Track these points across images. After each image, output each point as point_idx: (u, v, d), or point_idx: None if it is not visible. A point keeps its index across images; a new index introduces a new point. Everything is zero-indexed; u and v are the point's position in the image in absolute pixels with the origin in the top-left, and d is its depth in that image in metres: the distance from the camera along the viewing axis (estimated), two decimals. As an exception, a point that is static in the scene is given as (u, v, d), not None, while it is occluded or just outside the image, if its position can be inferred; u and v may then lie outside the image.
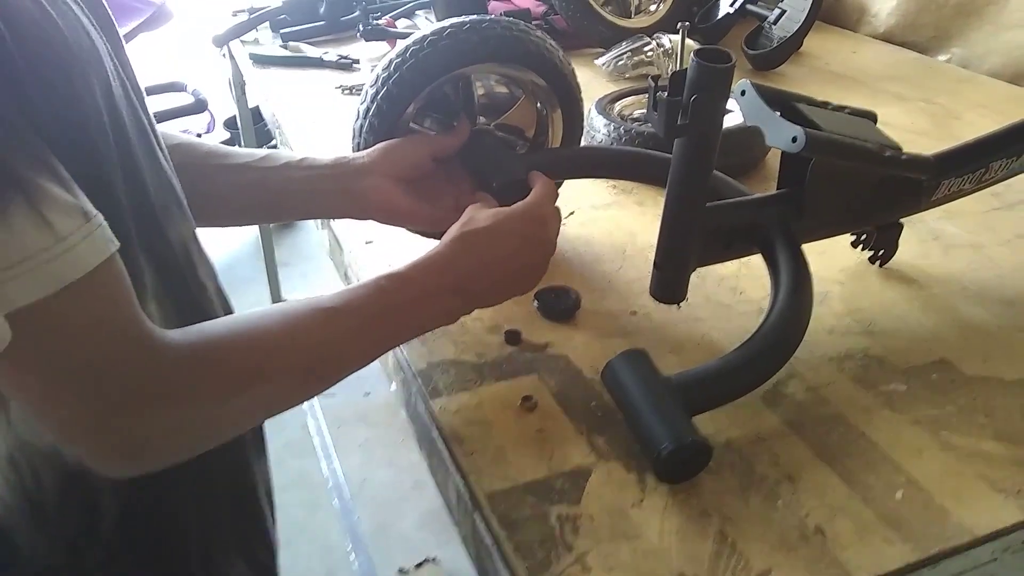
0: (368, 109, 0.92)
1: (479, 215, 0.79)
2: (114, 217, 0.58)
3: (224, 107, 3.41)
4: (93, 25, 0.61)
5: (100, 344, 0.55)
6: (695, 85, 0.72)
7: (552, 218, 0.82)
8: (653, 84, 0.74)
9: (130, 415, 0.57)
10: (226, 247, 3.42)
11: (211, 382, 0.61)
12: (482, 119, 0.99)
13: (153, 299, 0.66)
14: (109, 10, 0.67)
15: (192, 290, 0.72)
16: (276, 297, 2.75)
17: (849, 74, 1.66)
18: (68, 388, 0.55)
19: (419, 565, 2.11)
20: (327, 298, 0.69)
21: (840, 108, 0.88)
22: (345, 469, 2.28)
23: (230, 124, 3.53)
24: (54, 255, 0.50)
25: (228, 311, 0.80)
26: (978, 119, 1.42)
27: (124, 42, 0.68)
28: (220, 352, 0.62)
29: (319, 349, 0.67)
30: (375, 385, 2.54)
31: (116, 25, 0.67)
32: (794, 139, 0.74)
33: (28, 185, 0.49)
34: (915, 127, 1.40)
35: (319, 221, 1.23)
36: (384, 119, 0.91)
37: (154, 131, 0.70)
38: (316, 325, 0.67)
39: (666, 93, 0.74)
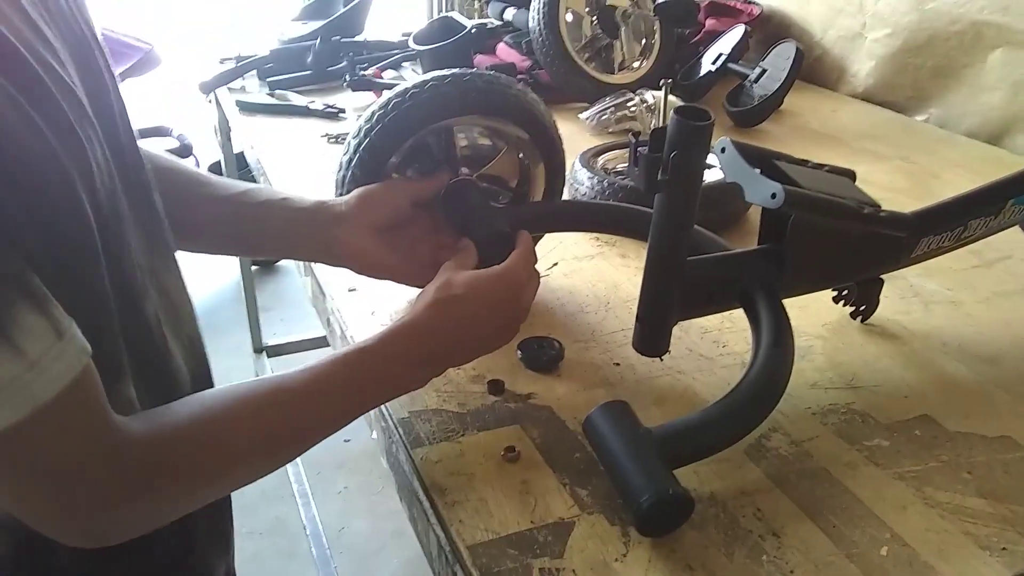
0: (351, 160, 0.92)
1: (456, 279, 0.78)
2: (100, 313, 0.59)
3: (209, 152, 3.43)
4: (81, 93, 0.59)
5: (70, 453, 0.55)
6: (675, 142, 0.73)
7: (528, 283, 0.82)
8: (634, 140, 0.75)
9: (97, 513, 0.59)
10: (207, 291, 3.40)
11: (177, 478, 0.62)
12: (465, 170, 0.99)
13: (130, 378, 0.65)
14: (105, 61, 0.67)
15: (163, 361, 0.71)
16: (257, 342, 2.73)
17: (829, 132, 1.69)
18: (37, 493, 0.56)
19: (395, 618, 2.07)
20: (293, 377, 0.69)
21: (819, 166, 0.89)
22: (323, 517, 2.24)
23: (214, 169, 3.54)
24: (26, 381, 0.51)
25: (202, 370, 0.79)
26: (955, 178, 1.45)
27: (119, 86, 0.68)
28: (186, 447, 0.62)
29: (284, 431, 0.68)
30: (355, 432, 2.50)
31: (112, 76, 0.67)
32: (773, 196, 0.75)
33: (1, 319, 0.49)
34: (893, 185, 1.42)
35: (302, 267, 1.23)
36: (366, 170, 0.92)
37: (142, 190, 0.70)
38: (281, 407, 0.68)
39: (647, 149, 0.75)
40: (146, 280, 0.69)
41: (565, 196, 1.09)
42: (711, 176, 1.13)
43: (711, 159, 0.79)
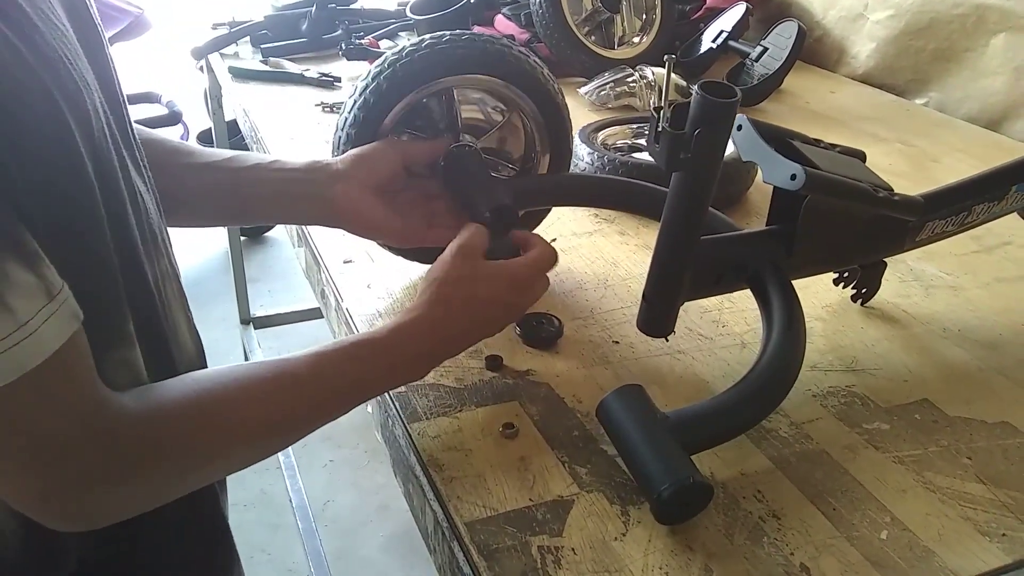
0: (347, 120, 0.91)
1: (466, 272, 0.76)
2: (101, 273, 0.57)
3: (198, 119, 3.38)
4: (72, 36, 0.58)
5: (55, 425, 0.53)
6: (699, 119, 0.71)
7: (537, 287, 0.80)
8: (655, 115, 0.73)
9: (83, 492, 0.56)
10: (194, 261, 3.37)
11: (168, 461, 0.60)
12: (467, 137, 0.98)
13: (136, 346, 0.63)
14: (97, 19, 0.65)
15: (166, 330, 0.69)
16: (244, 313, 2.71)
17: (828, 113, 1.68)
18: (17, 465, 0.53)
19: (381, 591, 2.07)
20: (297, 362, 0.67)
21: (831, 146, 0.88)
22: (308, 490, 2.23)
23: (204, 137, 3.50)
24: (14, 342, 0.48)
25: (198, 343, 0.78)
26: (956, 163, 1.44)
27: (109, 49, 0.66)
28: (180, 426, 0.60)
29: (282, 417, 0.66)
30: (341, 406, 2.50)
31: (103, 35, 0.65)
32: (793, 177, 0.73)
33: None
34: (893, 169, 1.41)
35: (296, 238, 1.21)
36: (362, 130, 0.90)
37: (139, 152, 0.68)
38: (282, 394, 0.65)
39: (668, 125, 0.72)
40: (156, 242, 0.68)
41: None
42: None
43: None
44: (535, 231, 1.05)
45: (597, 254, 1.10)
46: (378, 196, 0.86)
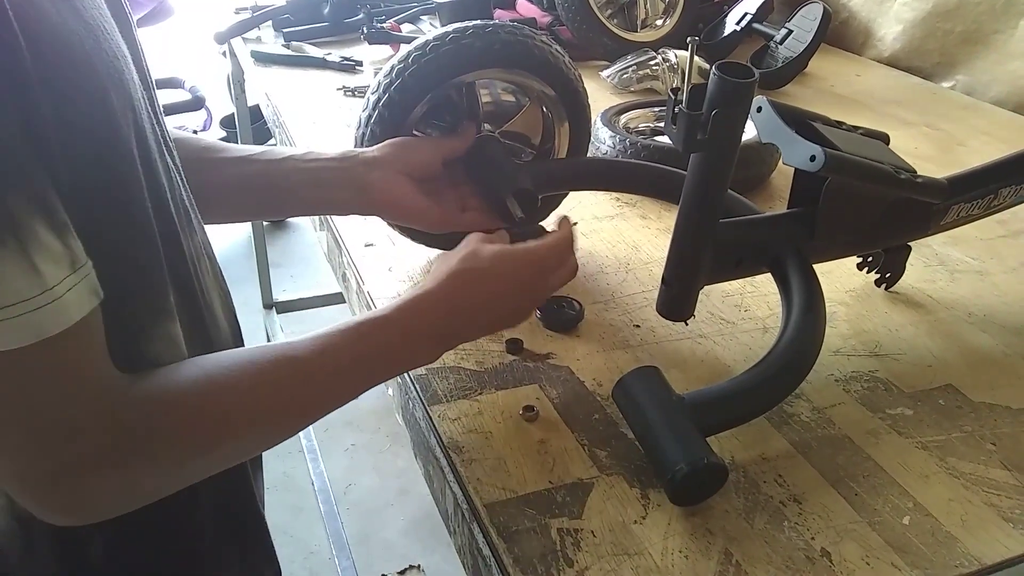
0: (370, 116, 0.90)
1: (483, 251, 0.73)
2: (144, 244, 0.58)
3: (221, 105, 3.40)
4: (108, 20, 0.58)
5: (64, 401, 0.52)
6: (716, 100, 0.70)
7: (558, 269, 0.76)
8: (673, 96, 0.72)
9: (82, 476, 0.54)
10: (217, 247, 3.38)
11: (172, 447, 0.58)
12: (487, 126, 0.97)
13: (175, 319, 0.63)
14: (127, 4, 0.65)
15: (202, 308, 0.69)
16: (267, 298, 2.72)
17: (853, 97, 1.66)
18: (21, 441, 0.52)
19: (403, 572, 2.09)
20: (301, 346, 0.64)
21: (853, 128, 0.87)
22: (330, 473, 2.25)
23: (227, 122, 3.51)
24: (38, 304, 0.48)
25: (234, 324, 0.78)
26: (982, 147, 1.42)
27: (137, 30, 0.66)
28: (180, 416, 0.58)
29: (286, 404, 0.63)
30: (363, 390, 2.52)
31: (133, 20, 0.65)
32: (812, 158, 0.73)
33: (21, 229, 0.47)
34: (919, 152, 1.39)
35: (318, 222, 1.22)
36: (386, 126, 0.89)
37: (167, 135, 0.68)
38: (285, 379, 0.62)
39: (684, 106, 0.72)
40: (189, 219, 0.68)
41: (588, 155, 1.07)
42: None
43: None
44: (554, 212, 1.05)
45: (618, 238, 1.09)
46: (413, 183, 0.84)
